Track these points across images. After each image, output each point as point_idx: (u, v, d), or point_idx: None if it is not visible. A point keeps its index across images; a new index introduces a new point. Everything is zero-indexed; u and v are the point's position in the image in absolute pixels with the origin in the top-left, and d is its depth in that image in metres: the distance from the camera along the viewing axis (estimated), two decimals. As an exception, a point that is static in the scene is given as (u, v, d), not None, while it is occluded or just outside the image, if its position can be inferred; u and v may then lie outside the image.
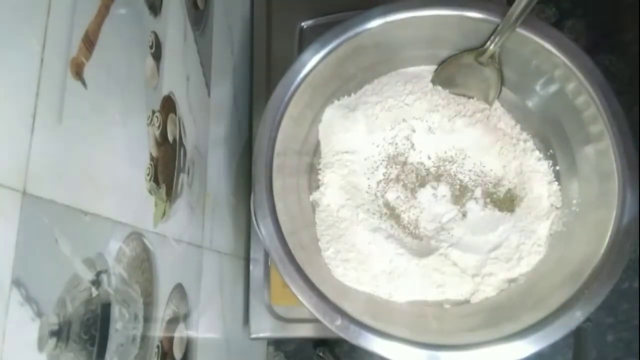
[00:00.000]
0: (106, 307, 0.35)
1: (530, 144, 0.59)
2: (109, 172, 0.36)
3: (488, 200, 0.59)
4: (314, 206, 0.60)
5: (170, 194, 0.47)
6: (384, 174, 0.61)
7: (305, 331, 0.64)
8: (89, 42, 0.33)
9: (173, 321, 0.47)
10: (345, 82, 0.61)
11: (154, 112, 0.43)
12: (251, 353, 0.79)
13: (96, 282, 0.33)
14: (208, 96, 0.59)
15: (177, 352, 0.48)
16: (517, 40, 0.54)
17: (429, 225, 0.59)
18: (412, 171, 0.61)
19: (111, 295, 0.35)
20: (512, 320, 0.49)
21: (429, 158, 0.61)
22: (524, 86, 0.59)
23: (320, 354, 0.79)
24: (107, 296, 0.35)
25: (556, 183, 0.58)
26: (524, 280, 0.55)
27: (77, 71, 0.31)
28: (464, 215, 0.58)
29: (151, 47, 0.43)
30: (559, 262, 0.53)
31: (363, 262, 0.55)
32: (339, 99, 0.62)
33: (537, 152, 0.59)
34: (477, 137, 0.60)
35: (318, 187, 0.60)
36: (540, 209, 0.57)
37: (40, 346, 0.28)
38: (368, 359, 0.85)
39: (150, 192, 0.42)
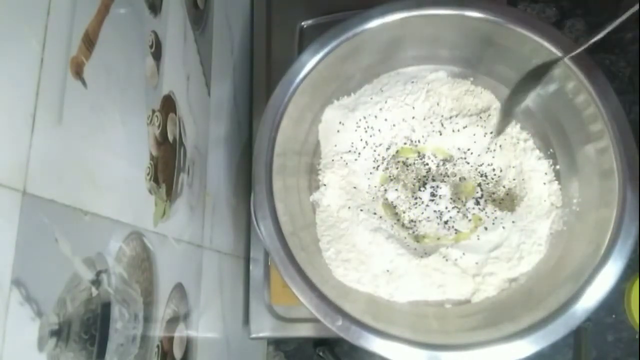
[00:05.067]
0: (106, 307, 0.34)
1: (530, 143, 0.59)
2: (109, 171, 0.36)
3: (488, 199, 0.59)
4: (314, 207, 0.59)
5: (170, 194, 0.47)
6: (384, 174, 0.61)
7: (305, 331, 0.64)
8: (89, 41, 0.33)
9: (173, 321, 0.47)
10: (344, 82, 0.61)
11: (154, 112, 0.43)
12: (251, 353, 0.79)
13: (96, 282, 0.33)
14: (208, 96, 0.59)
15: (177, 352, 0.48)
16: (516, 40, 0.54)
17: (429, 225, 0.59)
18: (412, 171, 0.61)
19: (111, 295, 0.35)
20: (513, 320, 0.49)
21: (429, 158, 0.61)
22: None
23: (320, 353, 0.79)
24: (107, 296, 0.35)
25: (556, 182, 0.58)
26: (525, 279, 0.55)
27: (77, 71, 0.31)
28: (464, 215, 0.58)
29: (151, 47, 0.43)
30: (560, 261, 0.53)
31: (364, 263, 0.55)
32: (338, 99, 0.62)
33: (537, 152, 0.59)
34: (477, 137, 0.59)
35: (318, 187, 0.60)
36: (541, 208, 0.57)
37: (41, 346, 0.28)
38: (368, 359, 0.85)
39: (150, 191, 0.42)
